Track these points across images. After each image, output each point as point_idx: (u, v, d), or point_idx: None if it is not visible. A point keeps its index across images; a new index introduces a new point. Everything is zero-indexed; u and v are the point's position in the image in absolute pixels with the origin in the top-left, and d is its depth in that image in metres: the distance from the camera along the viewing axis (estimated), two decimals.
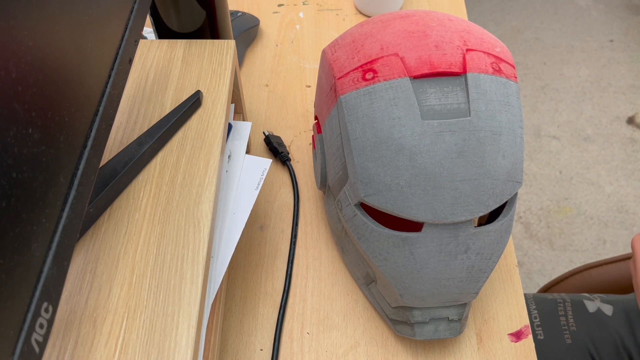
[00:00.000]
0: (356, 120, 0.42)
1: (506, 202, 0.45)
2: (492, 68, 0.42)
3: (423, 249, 0.42)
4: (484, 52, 0.43)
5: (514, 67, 0.44)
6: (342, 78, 0.44)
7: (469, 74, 0.41)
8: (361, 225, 0.44)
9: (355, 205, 0.44)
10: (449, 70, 0.41)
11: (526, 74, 1.85)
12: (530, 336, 0.50)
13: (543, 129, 1.70)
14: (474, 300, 0.48)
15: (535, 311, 0.69)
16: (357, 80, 0.43)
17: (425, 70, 0.41)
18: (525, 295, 0.71)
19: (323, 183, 0.51)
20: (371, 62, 0.43)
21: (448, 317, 0.45)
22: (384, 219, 0.49)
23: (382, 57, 0.42)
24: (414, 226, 0.42)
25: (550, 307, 0.69)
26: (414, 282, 0.43)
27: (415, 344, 0.50)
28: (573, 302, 0.69)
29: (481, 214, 0.41)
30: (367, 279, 0.50)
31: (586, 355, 0.64)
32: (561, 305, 0.69)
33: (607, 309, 0.68)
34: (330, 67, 0.46)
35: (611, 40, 1.94)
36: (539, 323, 0.67)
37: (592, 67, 1.86)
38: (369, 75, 0.42)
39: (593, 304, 0.68)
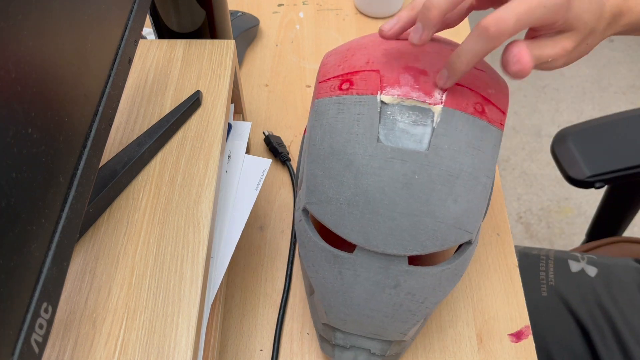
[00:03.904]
0: (320, 126, 0.41)
1: (459, 248, 0.43)
2: (474, 108, 0.39)
3: (351, 272, 0.40)
4: (471, 90, 0.40)
5: (503, 113, 0.41)
6: (323, 83, 0.43)
7: (443, 108, 0.39)
8: (302, 231, 0.43)
9: (302, 210, 0.44)
10: (422, 99, 0.39)
11: None
12: (531, 336, 0.50)
13: (543, 129, 1.70)
14: (409, 340, 0.45)
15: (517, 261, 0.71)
16: (334, 88, 0.42)
17: (398, 93, 0.39)
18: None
19: (296, 181, 0.50)
20: (352, 73, 0.42)
21: (370, 350, 0.44)
22: (327, 233, 0.48)
23: (364, 70, 0.41)
24: (350, 247, 0.41)
25: (531, 262, 0.71)
26: (338, 303, 0.42)
27: (414, 344, 0.50)
28: (556, 260, 0.71)
29: (416, 253, 0.39)
30: (310, 289, 0.48)
31: (560, 308, 0.66)
32: (543, 261, 0.71)
33: (591, 271, 0.69)
34: (319, 70, 0.45)
35: (611, 40, 1.94)
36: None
37: (593, 67, 1.86)
38: (345, 86, 0.41)
39: (577, 265, 0.70)
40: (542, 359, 0.64)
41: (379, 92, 0.39)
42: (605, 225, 0.88)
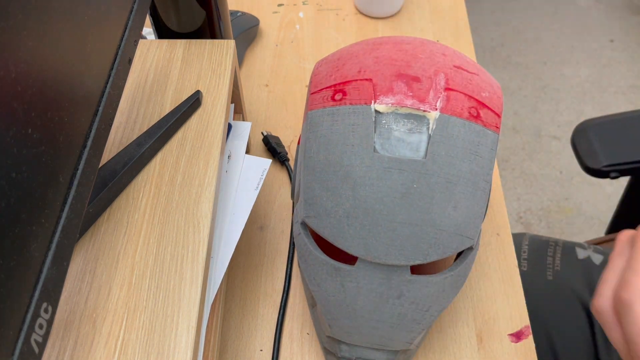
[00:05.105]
0: (314, 138, 0.41)
1: (461, 254, 0.43)
2: (469, 113, 0.39)
3: (354, 284, 0.40)
4: (465, 94, 0.40)
5: (498, 116, 0.41)
6: (315, 94, 0.43)
7: (437, 114, 0.38)
8: (302, 245, 0.43)
9: (300, 223, 0.43)
10: (416, 107, 0.39)
11: (526, 74, 1.85)
12: (531, 336, 0.50)
13: (543, 129, 1.70)
14: (415, 347, 0.45)
15: (527, 247, 0.72)
16: (327, 99, 0.41)
17: (392, 102, 0.39)
18: (523, 233, 0.75)
19: (293, 194, 0.49)
20: (344, 83, 0.41)
21: None
22: (327, 245, 0.47)
23: (356, 80, 0.41)
24: (351, 259, 0.41)
25: (540, 246, 0.72)
26: (342, 315, 0.42)
27: None
28: (564, 247, 0.72)
29: (418, 262, 0.39)
30: (312, 301, 0.47)
31: (564, 292, 0.67)
32: (552, 247, 0.72)
33: (597, 258, 0.70)
34: (310, 81, 0.45)
35: (611, 40, 1.94)
36: (525, 257, 0.71)
37: (593, 67, 1.86)
38: (337, 96, 0.41)
39: (584, 252, 0.71)
40: (541, 343, 0.64)
41: (372, 102, 0.39)
42: (625, 220, 0.89)
